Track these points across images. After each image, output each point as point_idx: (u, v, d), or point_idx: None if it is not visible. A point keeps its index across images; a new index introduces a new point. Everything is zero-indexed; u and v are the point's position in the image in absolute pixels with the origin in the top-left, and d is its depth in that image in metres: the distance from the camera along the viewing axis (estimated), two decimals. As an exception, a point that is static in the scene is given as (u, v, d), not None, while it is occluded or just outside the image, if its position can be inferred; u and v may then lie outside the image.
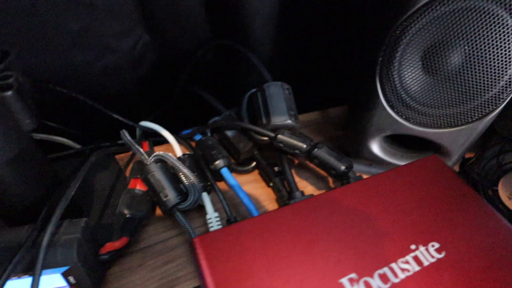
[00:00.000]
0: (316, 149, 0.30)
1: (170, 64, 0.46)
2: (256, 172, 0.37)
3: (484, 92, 0.28)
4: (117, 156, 0.38)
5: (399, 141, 0.35)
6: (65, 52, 0.39)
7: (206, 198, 0.31)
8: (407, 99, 0.30)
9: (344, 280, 0.18)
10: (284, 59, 0.44)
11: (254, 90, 0.36)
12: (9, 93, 0.19)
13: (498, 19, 0.25)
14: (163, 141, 0.39)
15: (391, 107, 0.30)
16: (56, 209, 0.23)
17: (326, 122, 0.47)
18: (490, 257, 0.20)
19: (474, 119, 0.30)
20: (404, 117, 0.31)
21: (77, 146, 0.40)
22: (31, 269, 0.21)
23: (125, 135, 0.35)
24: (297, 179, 0.37)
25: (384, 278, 0.18)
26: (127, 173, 0.36)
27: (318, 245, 0.19)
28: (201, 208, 0.33)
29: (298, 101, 0.38)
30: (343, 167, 0.30)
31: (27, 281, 0.22)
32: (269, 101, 0.33)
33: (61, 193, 0.24)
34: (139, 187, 0.31)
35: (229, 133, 0.36)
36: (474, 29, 0.26)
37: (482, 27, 0.26)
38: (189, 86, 0.45)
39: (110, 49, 0.42)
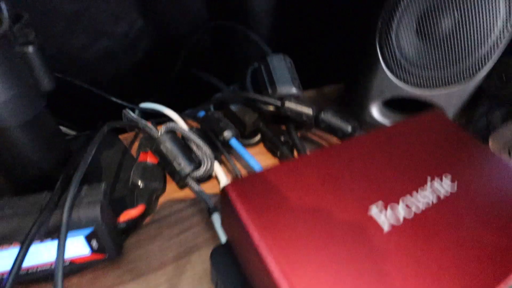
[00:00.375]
0: (322, 113, 0.32)
1: (166, 48, 0.46)
2: (261, 145, 0.38)
3: (473, 53, 0.31)
4: (120, 136, 0.38)
5: (399, 106, 0.37)
6: (59, 36, 0.38)
7: (218, 167, 0.32)
8: (404, 63, 0.32)
9: (374, 208, 0.19)
10: (280, 38, 0.45)
11: (256, 64, 0.37)
12: (31, 48, 0.18)
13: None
14: (165, 121, 0.39)
15: (390, 70, 0.32)
16: (75, 173, 0.22)
17: (321, 99, 0.48)
18: (498, 186, 0.22)
19: (465, 78, 0.32)
20: (402, 79, 0.32)
21: (73, 132, 0.39)
22: (54, 232, 0.21)
23: (129, 112, 0.35)
24: (301, 149, 0.38)
25: (407, 206, 0.19)
26: (133, 151, 0.36)
27: (344, 183, 0.20)
28: (211, 180, 0.34)
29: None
30: (349, 128, 0.31)
31: (51, 245, 0.22)
32: (273, 72, 0.34)
33: (78, 160, 0.24)
34: (150, 160, 0.31)
35: (233, 107, 0.36)
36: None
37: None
38: (187, 68, 0.45)
39: (105, 33, 0.41)
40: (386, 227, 0.18)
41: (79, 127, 0.40)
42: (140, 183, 0.29)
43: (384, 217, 0.19)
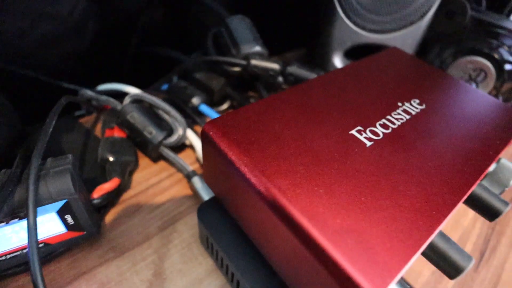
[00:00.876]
0: (288, 66, 0.32)
1: (117, 26, 0.43)
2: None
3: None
4: (81, 120, 0.35)
5: (359, 57, 0.38)
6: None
7: (191, 133, 0.31)
8: (361, 10, 0.33)
9: (354, 132, 0.19)
10: (235, 6, 0.44)
11: (216, 28, 0.36)
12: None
13: None
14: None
15: (349, 18, 0.33)
16: (37, 144, 0.20)
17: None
18: (459, 104, 0.23)
19: (416, 19, 0.34)
20: (360, 26, 0.33)
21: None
22: (21, 210, 0.19)
23: (86, 92, 0.32)
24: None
25: (384, 126, 0.20)
26: (96, 132, 0.33)
27: (321, 112, 0.20)
28: (186, 149, 0.32)
29: None
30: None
31: (18, 226, 0.20)
32: (235, 32, 0.33)
33: (37, 134, 0.22)
34: (117, 134, 0.29)
35: (198, 75, 0.35)
36: None
37: None
38: (143, 45, 0.43)
39: (46, 15, 0.38)
40: (368, 142, 0.19)
41: (31, 122, 0.37)
42: (110, 157, 0.27)
43: (365, 135, 0.19)
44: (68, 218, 0.21)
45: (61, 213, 0.21)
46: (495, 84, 0.34)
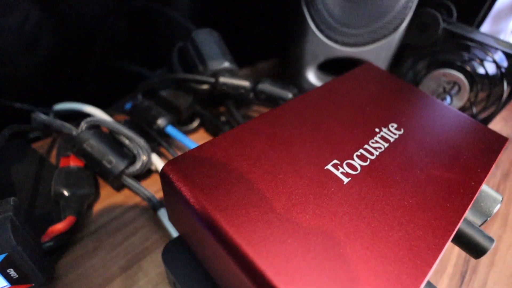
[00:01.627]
0: (260, 84, 0.30)
1: (75, 40, 0.40)
2: (201, 130, 0.35)
3: (393, 7, 0.31)
4: (34, 145, 0.32)
5: (333, 71, 0.37)
6: None
7: (156, 158, 0.28)
8: (333, 23, 0.31)
9: (330, 166, 0.18)
10: (202, 17, 0.42)
11: (181, 43, 0.33)
12: None
13: None
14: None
15: (320, 31, 0.31)
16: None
17: (256, 75, 0.47)
18: (435, 125, 0.23)
19: (389, 32, 0.33)
20: (332, 40, 0.32)
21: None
22: (-49, 269, 0.16)
23: (39, 116, 0.29)
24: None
25: (362, 158, 0.19)
26: (52, 159, 0.30)
27: (294, 144, 0.19)
28: (152, 175, 0.30)
29: None
30: (290, 95, 0.30)
31: None
32: (202, 47, 0.31)
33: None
34: (73, 163, 0.27)
35: (164, 92, 0.33)
36: None
37: None
38: (105, 60, 0.40)
39: (-8, 28, 0.34)
40: (345, 179, 0.17)
41: None
42: (64, 191, 0.24)
43: (342, 170, 0.18)
44: (11, 272, 0.19)
45: (2, 266, 0.18)
46: (469, 97, 0.34)
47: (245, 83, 0.30)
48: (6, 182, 0.26)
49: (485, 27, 0.38)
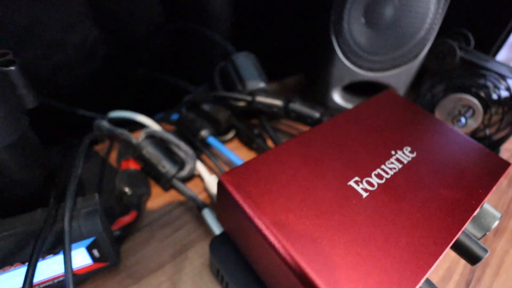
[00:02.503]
0: (291, 103, 0.34)
1: (126, 54, 0.46)
2: (236, 140, 0.40)
3: (413, 37, 0.35)
4: (98, 147, 0.38)
5: (356, 91, 0.40)
6: (12, 49, 0.37)
7: (200, 165, 0.33)
8: (358, 50, 0.35)
9: (352, 182, 0.22)
10: (239, 35, 0.47)
11: (222, 63, 0.38)
12: (13, 67, 0.19)
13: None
14: (136, 129, 0.39)
15: (346, 58, 0.35)
16: (68, 186, 0.23)
17: (284, 90, 0.51)
18: (447, 150, 0.26)
19: (410, 59, 0.36)
20: (357, 65, 0.36)
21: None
22: (57, 247, 0.22)
23: (101, 123, 0.35)
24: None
25: (379, 176, 0.23)
26: (111, 160, 0.36)
27: (323, 163, 0.23)
28: (194, 179, 0.35)
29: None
30: (317, 114, 0.34)
31: (52, 260, 0.22)
32: (240, 69, 0.36)
33: (66, 175, 0.24)
34: (132, 166, 0.32)
35: (206, 106, 0.38)
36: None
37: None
38: (151, 72, 0.45)
39: (59, 44, 0.40)
40: (364, 193, 0.21)
41: (46, 144, 0.39)
42: (127, 190, 0.29)
43: (362, 186, 0.22)
44: (95, 252, 0.24)
45: (89, 248, 0.23)
46: (483, 120, 0.37)
47: (278, 103, 0.34)
48: (79, 181, 0.32)
49: (502, 54, 0.41)
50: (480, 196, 0.23)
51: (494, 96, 0.36)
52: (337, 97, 0.39)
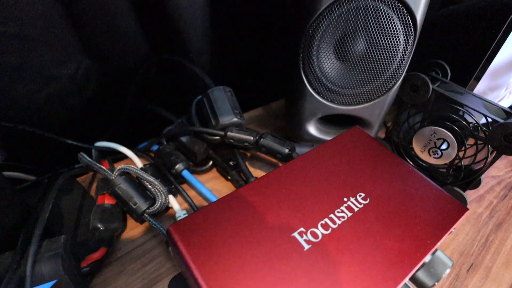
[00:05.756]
0: (262, 139, 0.35)
1: (115, 84, 0.48)
2: (214, 170, 0.41)
3: (385, 71, 0.35)
4: (78, 179, 0.40)
5: (332, 121, 0.41)
6: (5, 86, 0.39)
7: (172, 199, 0.34)
8: (329, 85, 0.36)
9: (296, 234, 0.22)
10: (223, 64, 0.48)
11: (200, 96, 0.40)
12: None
13: (383, 13, 0.32)
14: (121, 157, 0.41)
15: (317, 93, 0.36)
16: (34, 231, 0.24)
17: (270, 115, 0.52)
18: (402, 194, 0.26)
19: (382, 93, 0.36)
20: (329, 100, 0.36)
21: (32, 177, 0.40)
22: (19, 290, 0.23)
23: (84, 156, 0.36)
24: (251, 169, 0.41)
25: (325, 226, 0.23)
26: (92, 192, 0.38)
27: (272, 211, 0.24)
28: (169, 211, 0.36)
29: (243, 100, 0.42)
30: (286, 150, 0.35)
31: (16, 302, 0.24)
32: (215, 104, 0.37)
33: (36, 217, 0.26)
34: (108, 201, 0.33)
35: (184, 138, 0.39)
36: (368, 23, 0.32)
37: (373, 21, 0.32)
38: (138, 101, 0.47)
39: (52, 78, 0.42)
40: (306, 246, 0.22)
41: (39, 172, 0.41)
42: (100, 225, 0.31)
43: (305, 237, 0.22)
44: (58, 292, 0.25)
45: (52, 289, 0.25)
46: (458, 154, 0.36)
47: (249, 138, 0.35)
48: (57, 212, 0.34)
49: (482, 83, 0.40)
50: (427, 246, 0.23)
51: (467, 131, 0.35)
52: (312, 129, 0.39)
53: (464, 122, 0.35)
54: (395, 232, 0.24)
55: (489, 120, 0.33)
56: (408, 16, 0.32)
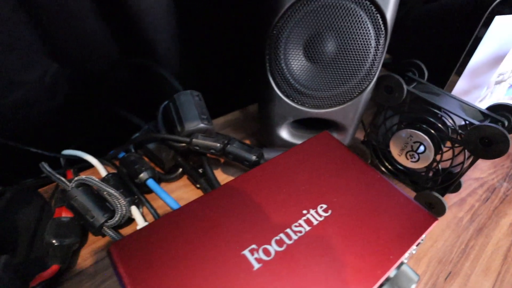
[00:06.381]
0: (228, 146, 0.33)
1: (86, 89, 0.46)
2: (185, 177, 0.40)
3: (357, 72, 0.33)
4: (41, 189, 0.38)
5: (306, 124, 0.39)
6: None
7: (135, 210, 0.33)
8: (299, 87, 0.34)
9: (246, 252, 0.21)
10: (197, 68, 0.46)
11: (166, 102, 0.38)
12: None
13: (352, 11, 0.30)
14: (89, 165, 0.39)
15: (287, 96, 0.34)
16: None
17: (247, 118, 0.50)
18: (368, 204, 0.25)
19: (355, 95, 0.35)
20: (299, 103, 0.35)
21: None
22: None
23: (44, 167, 0.35)
24: (224, 176, 0.40)
25: (280, 243, 0.22)
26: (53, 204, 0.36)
27: (223, 227, 0.22)
28: (132, 222, 0.34)
29: (220, 103, 0.40)
30: (254, 157, 0.33)
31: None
32: (181, 109, 0.35)
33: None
34: (65, 214, 0.32)
35: (151, 146, 0.37)
36: (336, 22, 0.30)
37: (342, 19, 0.30)
38: (110, 107, 0.45)
39: (16, 83, 0.41)
40: (256, 265, 0.20)
41: (6, 181, 0.39)
42: (54, 241, 0.29)
43: (256, 255, 0.21)
44: (0, 316, 0.23)
45: (-8, 313, 0.23)
46: (435, 157, 0.35)
47: (215, 144, 0.33)
48: (11, 225, 0.32)
49: (462, 83, 0.39)
50: (390, 261, 0.22)
51: (444, 134, 0.34)
52: (285, 134, 0.38)
53: (440, 125, 0.33)
54: (356, 247, 0.22)
55: (466, 122, 0.32)
56: (378, 15, 0.30)
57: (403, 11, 0.55)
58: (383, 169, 0.41)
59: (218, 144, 0.33)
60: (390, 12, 0.30)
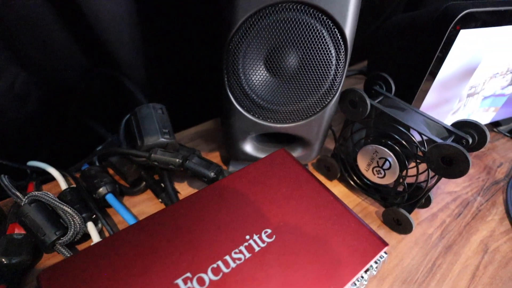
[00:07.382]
0: (187, 161, 0.33)
1: (57, 98, 0.45)
2: (149, 191, 0.39)
3: (319, 87, 0.33)
4: (2, 202, 0.37)
5: (271, 137, 0.38)
6: None
7: (92, 227, 0.32)
8: (260, 101, 0.33)
9: (179, 281, 0.20)
10: (164, 80, 0.46)
11: (129, 115, 0.37)
12: None
13: (310, 27, 0.29)
14: (53, 178, 0.39)
15: (247, 111, 0.34)
16: None
17: (217, 129, 0.49)
18: (316, 228, 0.24)
19: (318, 110, 0.34)
20: (261, 118, 0.34)
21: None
22: None
23: (3, 179, 0.34)
24: (189, 189, 0.39)
25: (216, 271, 0.21)
26: (11, 218, 0.35)
27: (158, 254, 0.21)
28: (88, 239, 0.34)
29: (189, 115, 0.39)
30: (212, 174, 0.32)
31: None
32: (142, 123, 0.35)
33: None
34: (18, 230, 0.31)
35: (114, 158, 0.37)
36: (296, 36, 0.30)
37: (301, 34, 0.29)
38: (78, 116, 0.45)
39: (-16, 92, 0.40)
40: (187, 297, 0.19)
41: None
42: (3, 259, 0.29)
43: (190, 285, 0.20)
44: None
45: None
46: (400, 174, 0.34)
47: (174, 160, 0.33)
48: None
49: (432, 96, 0.38)
50: (331, 291, 0.21)
51: (408, 151, 0.33)
52: (249, 148, 0.37)
53: (404, 142, 0.33)
54: (296, 277, 0.21)
55: (427, 139, 0.31)
56: (336, 30, 0.30)
57: (381, 20, 0.54)
58: (352, 183, 0.40)
59: (177, 160, 0.33)
60: (348, 26, 0.29)
